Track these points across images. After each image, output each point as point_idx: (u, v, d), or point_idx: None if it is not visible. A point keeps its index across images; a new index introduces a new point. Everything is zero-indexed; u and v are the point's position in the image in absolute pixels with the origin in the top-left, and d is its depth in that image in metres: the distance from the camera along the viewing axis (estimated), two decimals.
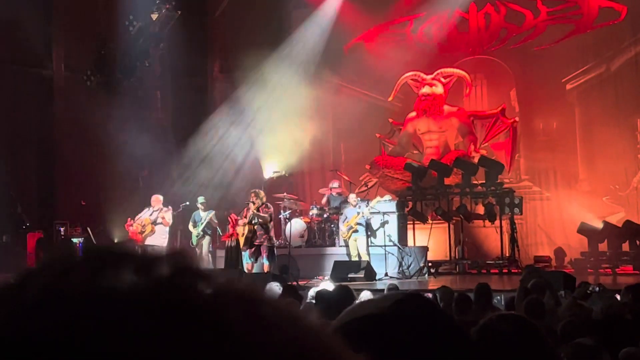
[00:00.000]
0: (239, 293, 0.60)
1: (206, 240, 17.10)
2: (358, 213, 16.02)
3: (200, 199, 17.14)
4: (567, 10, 19.86)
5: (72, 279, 0.57)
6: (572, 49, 19.77)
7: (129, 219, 16.38)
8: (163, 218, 16.17)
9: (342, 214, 16.84)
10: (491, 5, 20.62)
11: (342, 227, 16.30)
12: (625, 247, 16.70)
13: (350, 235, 16.04)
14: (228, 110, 20.97)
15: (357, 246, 15.97)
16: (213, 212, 17.15)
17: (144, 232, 16.07)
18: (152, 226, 16.15)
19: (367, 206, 16.20)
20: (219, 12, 22.44)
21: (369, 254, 15.88)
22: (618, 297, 7.57)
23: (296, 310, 0.62)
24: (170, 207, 16.63)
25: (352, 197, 16.61)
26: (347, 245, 16.21)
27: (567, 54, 19.82)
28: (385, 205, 16.72)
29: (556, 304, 7.48)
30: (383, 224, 16.24)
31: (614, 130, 19.05)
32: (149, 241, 16.16)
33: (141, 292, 0.57)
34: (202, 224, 16.92)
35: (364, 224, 16.01)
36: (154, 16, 20.07)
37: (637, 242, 16.53)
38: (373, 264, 15.37)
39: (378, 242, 16.17)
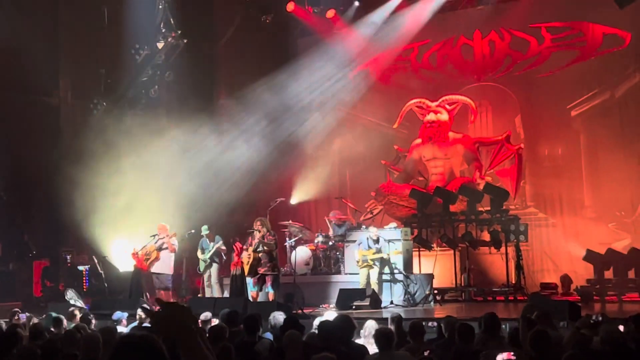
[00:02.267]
0: None
1: (214, 269, 16.81)
2: (379, 250, 15.99)
3: (204, 229, 16.97)
4: (571, 37, 19.91)
5: None
6: (576, 75, 19.76)
7: (134, 248, 16.38)
8: (169, 244, 16.18)
9: (354, 240, 16.76)
10: (495, 32, 20.72)
11: (357, 254, 16.15)
12: (632, 274, 16.63)
13: (365, 266, 16.02)
14: (235, 136, 20.97)
15: (368, 274, 15.91)
16: (221, 240, 17.03)
17: (148, 259, 16.07)
18: (157, 252, 16.14)
19: (387, 243, 16.13)
20: (224, 40, 22.55)
21: (379, 283, 15.87)
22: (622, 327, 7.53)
23: None
24: (175, 232, 16.66)
25: (374, 231, 16.38)
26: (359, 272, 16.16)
27: (572, 81, 19.82)
28: (390, 232, 16.69)
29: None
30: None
31: (619, 156, 19.01)
32: (154, 269, 16.15)
33: None
34: (209, 251, 16.78)
35: (380, 261, 16.02)
36: (160, 45, 20.25)
37: None
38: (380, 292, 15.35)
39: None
